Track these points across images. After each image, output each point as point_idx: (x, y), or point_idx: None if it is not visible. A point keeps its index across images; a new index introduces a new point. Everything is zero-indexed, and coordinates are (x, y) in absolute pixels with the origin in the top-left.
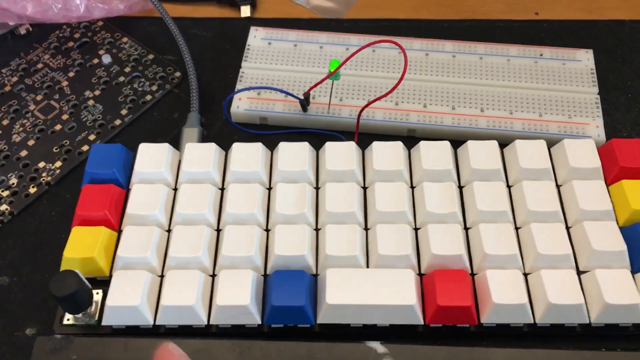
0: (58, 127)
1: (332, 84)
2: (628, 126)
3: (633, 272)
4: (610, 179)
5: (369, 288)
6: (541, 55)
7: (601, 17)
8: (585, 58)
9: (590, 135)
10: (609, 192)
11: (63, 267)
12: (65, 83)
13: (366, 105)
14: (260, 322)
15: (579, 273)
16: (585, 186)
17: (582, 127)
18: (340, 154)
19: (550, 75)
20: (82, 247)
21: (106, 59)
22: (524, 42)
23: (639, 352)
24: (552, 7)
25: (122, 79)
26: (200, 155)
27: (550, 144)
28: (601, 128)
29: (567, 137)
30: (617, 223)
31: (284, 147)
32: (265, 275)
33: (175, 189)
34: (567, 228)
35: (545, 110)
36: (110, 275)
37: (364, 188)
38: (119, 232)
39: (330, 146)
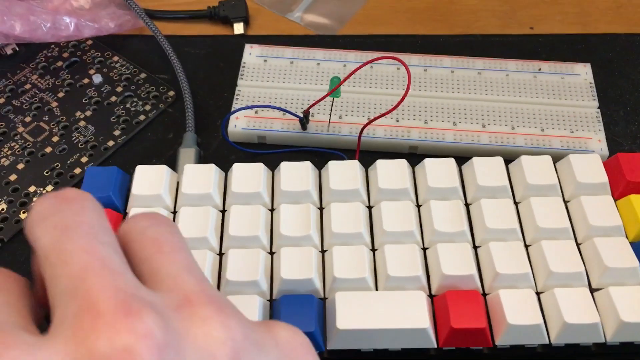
0: (48, 149)
1: (333, 102)
2: (629, 139)
3: None
4: (617, 194)
5: (381, 311)
6: (540, 69)
7: (595, 30)
8: (583, 72)
9: (593, 150)
10: (616, 207)
11: None
12: (54, 104)
13: (368, 123)
14: None
15: (592, 290)
16: (594, 201)
17: (585, 142)
18: (343, 173)
19: (550, 89)
20: None
21: (97, 78)
22: (520, 56)
23: None
24: (546, 21)
25: (114, 98)
26: (199, 176)
27: (554, 159)
28: (603, 142)
29: (570, 151)
30: (627, 238)
31: (285, 166)
32: (271, 300)
33: (175, 212)
34: (577, 244)
35: (547, 125)
36: None
37: (369, 207)
38: None
39: (333, 165)
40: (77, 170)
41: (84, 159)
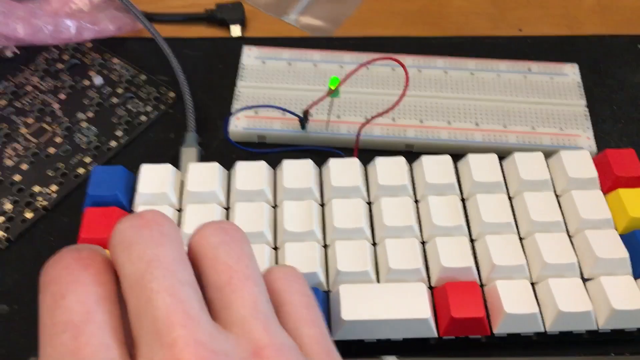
0: (52, 150)
1: (332, 101)
2: (616, 137)
3: (635, 277)
4: (606, 189)
5: (384, 303)
6: (529, 70)
7: (581, 32)
8: (571, 72)
9: (582, 147)
10: (606, 200)
11: None
12: (56, 105)
13: (367, 122)
14: None
15: (584, 280)
16: (584, 196)
17: (574, 139)
18: (344, 170)
19: (539, 89)
20: None
21: (98, 80)
22: (510, 57)
23: None
24: (533, 23)
25: (115, 100)
26: (203, 174)
27: (545, 155)
28: (592, 139)
29: (560, 148)
30: (617, 230)
31: (287, 164)
32: None
33: (180, 210)
34: (569, 237)
35: (538, 123)
36: None
37: (369, 203)
38: None
39: (334, 162)
40: (81, 171)
41: (87, 159)
